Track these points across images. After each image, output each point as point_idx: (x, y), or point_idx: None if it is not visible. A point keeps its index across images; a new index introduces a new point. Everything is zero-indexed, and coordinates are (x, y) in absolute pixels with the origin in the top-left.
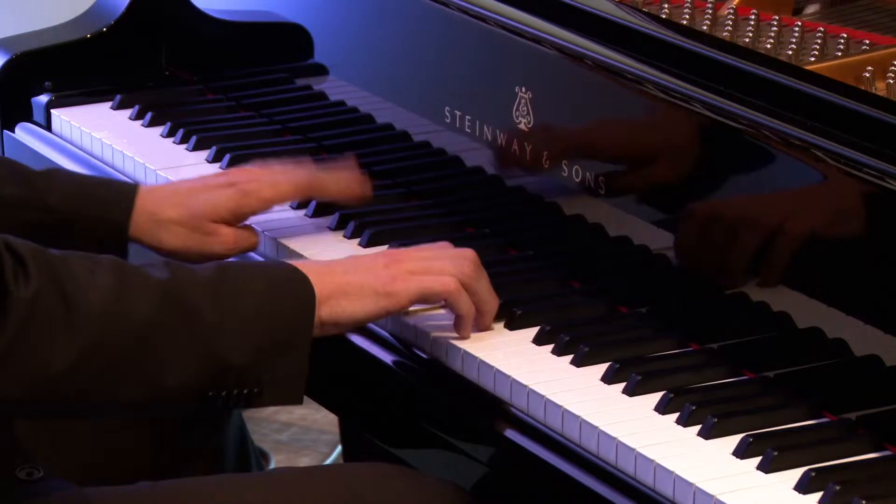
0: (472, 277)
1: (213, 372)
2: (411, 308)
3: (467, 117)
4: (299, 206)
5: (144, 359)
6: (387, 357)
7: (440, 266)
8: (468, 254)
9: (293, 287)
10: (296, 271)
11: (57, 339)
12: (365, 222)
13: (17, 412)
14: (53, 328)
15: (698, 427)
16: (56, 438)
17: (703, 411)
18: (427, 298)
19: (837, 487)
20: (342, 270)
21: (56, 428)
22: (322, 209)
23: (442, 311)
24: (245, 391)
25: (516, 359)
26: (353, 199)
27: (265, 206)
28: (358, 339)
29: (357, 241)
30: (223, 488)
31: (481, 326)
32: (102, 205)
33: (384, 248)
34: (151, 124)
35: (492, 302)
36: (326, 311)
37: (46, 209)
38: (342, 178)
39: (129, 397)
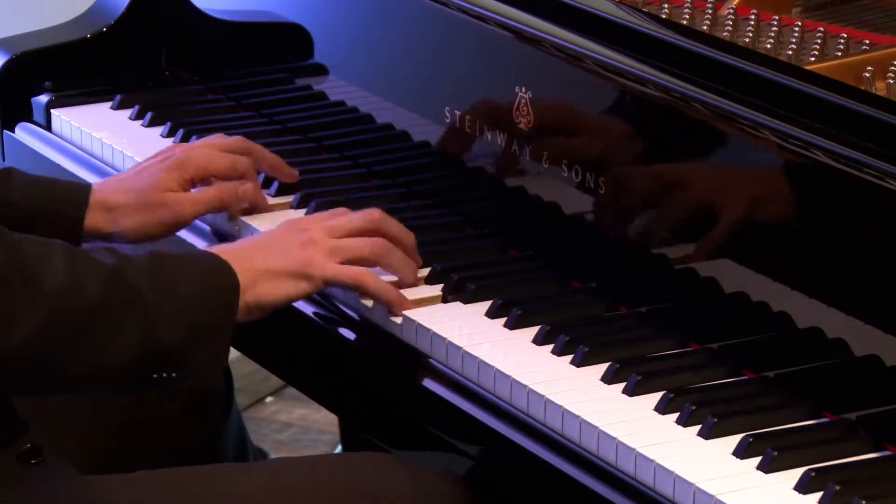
0: (385, 255)
1: (150, 354)
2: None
3: (467, 117)
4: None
5: (91, 339)
6: (386, 357)
7: (355, 249)
8: (376, 218)
9: (220, 277)
10: (222, 262)
11: (16, 316)
12: None
13: None
14: (13, 305)
15: (698, 427)
16: (58, 434)
17: (703, 411)
18: (340, 286)
19: (837, 487)
20: (262, 256)
21: (58, 425)
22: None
23: (442, 312)
24: (174, 374)
25: (516, 359)
26: (281, 175)
27: (203, 170)
28: (353, 336)
29: None
30: (224, 477)
31: (405, 284)
32: (60, 202)
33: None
34: (151, 124)
35: (408, 270)
36: (251, 297)
37: (8, 206)
38: (270, 154)
39: (73, 375)
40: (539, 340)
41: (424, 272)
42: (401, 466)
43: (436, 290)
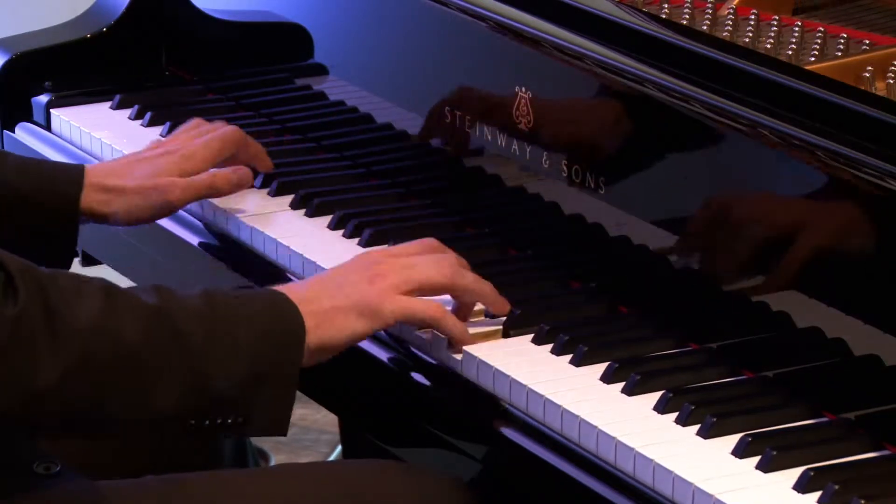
0: (456, 278)
1: (198, 399)
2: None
3: (467, 117)
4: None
5: (131, 379)
6: (386, 356)
7: (424, 274)
8: (448, 255)
9: (283, 318)
10: (286, 301)
11: (41, 357)
12: (364, 222)
13: (2, 425)
14: (37, 346)
15: (697, 427)
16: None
17: (702, 411)
18: (412, 322)
19: (836, 487)
20: (328, 295)
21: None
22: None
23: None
24: (230, 420)
25: (516, 359)
26: (263, 163)
27: (206, 167)
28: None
29: (356, 240)
30: (227, 482)
31: (497, 312)
32: (54, 180)
33: (384, 247)
34: (151, 124)
35: (485, 289)
36: (315, 339)
37: (2, 186)
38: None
39: (114, 417)
40: (539, 340)
41: None
42: (401, 471)
43: (496, 324)
